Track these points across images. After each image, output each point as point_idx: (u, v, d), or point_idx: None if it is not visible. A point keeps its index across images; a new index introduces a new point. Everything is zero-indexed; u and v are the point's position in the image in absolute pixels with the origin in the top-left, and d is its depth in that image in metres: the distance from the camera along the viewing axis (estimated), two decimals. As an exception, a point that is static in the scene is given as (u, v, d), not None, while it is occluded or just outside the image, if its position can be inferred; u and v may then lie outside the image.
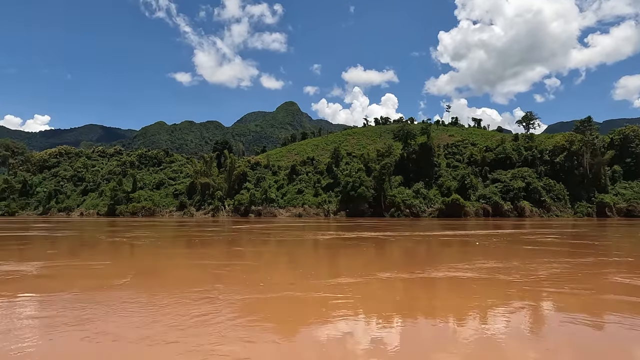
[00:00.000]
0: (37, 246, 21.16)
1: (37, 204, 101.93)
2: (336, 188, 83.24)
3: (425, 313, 7.58)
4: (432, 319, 7.19)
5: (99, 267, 13.15)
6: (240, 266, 13.49)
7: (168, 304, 7.82)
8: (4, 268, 12.41)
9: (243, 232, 31.68)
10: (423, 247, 20.44)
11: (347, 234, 28.79)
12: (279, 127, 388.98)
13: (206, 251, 18.79)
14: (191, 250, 19.80)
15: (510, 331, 6.38)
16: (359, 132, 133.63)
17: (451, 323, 6.87)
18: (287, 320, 6.99)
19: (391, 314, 7.34)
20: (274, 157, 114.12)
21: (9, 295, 8.66)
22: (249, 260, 15.56)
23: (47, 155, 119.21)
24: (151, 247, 20.57)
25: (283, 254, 18.25)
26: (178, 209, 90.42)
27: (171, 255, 17.45)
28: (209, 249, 19.82)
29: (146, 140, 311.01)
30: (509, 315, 7.29)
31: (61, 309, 7.49)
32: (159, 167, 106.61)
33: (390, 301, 8.40)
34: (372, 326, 6.60)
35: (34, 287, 9.59)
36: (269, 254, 18.36)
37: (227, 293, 8.79)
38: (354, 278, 10.57)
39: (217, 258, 16.07)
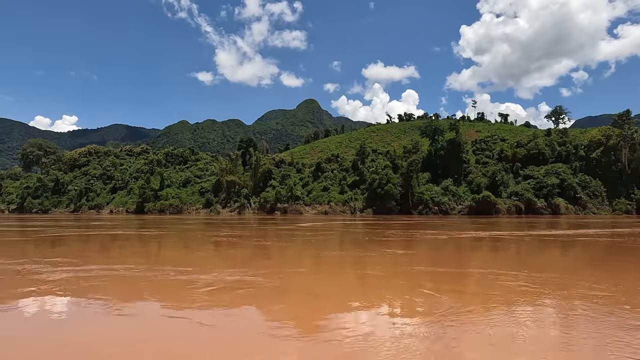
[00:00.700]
0: (192, 247, 18.95)
1: (69, 201, 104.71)
2: (362, 185, 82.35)
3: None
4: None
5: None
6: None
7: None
8: (228, 277, 10.19)
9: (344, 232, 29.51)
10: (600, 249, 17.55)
11: (466, 233, 25.90)
12: (300, 124, 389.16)
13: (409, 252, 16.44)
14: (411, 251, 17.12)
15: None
16: (383, 129, 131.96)
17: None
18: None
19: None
20: (297, 155, 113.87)
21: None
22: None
23: (77, 154, 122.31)
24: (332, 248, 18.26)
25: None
26: (204, 206, 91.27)
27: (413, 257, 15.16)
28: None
29: (170, 139, 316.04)
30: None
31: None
32: (185, 166, 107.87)
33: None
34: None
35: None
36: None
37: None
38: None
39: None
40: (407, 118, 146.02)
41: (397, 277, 10.45)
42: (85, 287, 8.81)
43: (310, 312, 7.08)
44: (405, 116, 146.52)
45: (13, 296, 8.20)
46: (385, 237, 23.20)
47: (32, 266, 11.77)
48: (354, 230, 30.69)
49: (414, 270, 11.33)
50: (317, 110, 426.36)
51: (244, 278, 9.84)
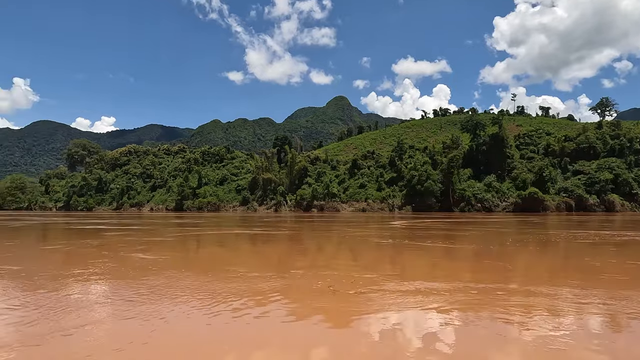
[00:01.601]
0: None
1: (111, 199, 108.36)
2: (400, 182, 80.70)
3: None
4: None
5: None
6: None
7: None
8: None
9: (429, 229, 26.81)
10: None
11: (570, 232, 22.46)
12: (329, 122, 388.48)
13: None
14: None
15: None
16: (418, 125, 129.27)
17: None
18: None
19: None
20: (331, 152, 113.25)
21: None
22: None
23: (118, 154, 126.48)
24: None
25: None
26: (241, 204, 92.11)
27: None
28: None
29: (203, 138, 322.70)
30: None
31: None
32: (221, 164, 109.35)
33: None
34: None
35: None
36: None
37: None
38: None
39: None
40: (442, 113, 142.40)
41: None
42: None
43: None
44: (440, 111, 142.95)
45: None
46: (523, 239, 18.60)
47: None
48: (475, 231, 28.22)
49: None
50: (347, 107, 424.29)
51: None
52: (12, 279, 8.59)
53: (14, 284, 8.15)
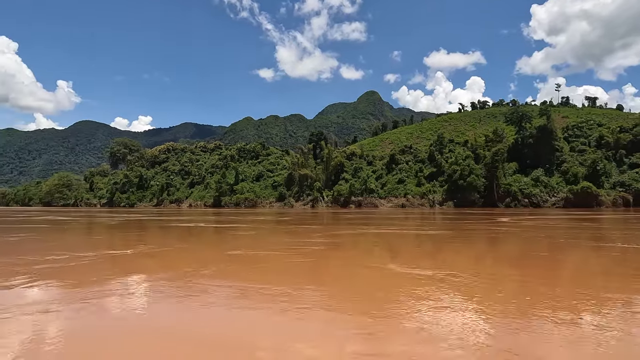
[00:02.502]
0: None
1: (152, 196, 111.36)
2: (440, 177, 78.35)
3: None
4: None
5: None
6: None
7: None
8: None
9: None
10: None
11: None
12: (361, 117, 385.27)
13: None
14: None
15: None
16: (456, 118, 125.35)
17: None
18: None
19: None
20: (366, 147, 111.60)
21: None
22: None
23: (157, 151, 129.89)
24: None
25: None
26: (277, 200, 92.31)
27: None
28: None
29: (235, 135, 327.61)
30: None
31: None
32: (257, 160, 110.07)
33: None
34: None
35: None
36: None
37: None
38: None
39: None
40: (480, 106, 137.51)
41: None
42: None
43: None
44: (478, 104, 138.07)
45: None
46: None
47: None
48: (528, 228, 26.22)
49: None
50: (378, 102, 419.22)
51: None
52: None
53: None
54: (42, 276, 8.62)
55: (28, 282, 8.00)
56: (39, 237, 19.66)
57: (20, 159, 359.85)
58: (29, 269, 9.51)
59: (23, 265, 10.11)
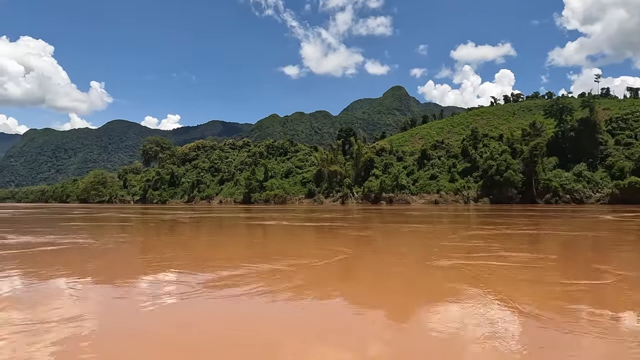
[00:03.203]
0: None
1: (183, 193, 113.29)
2: (475, 173, 76.06)
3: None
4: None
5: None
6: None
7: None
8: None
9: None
10: None
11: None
12: (386, 113, 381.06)
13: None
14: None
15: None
16: (488, 112, 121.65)
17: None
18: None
19: None
20: (396, 143, 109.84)
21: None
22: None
23: (188, 149, 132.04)
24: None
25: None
26: (307, 196, 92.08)
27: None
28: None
29: (262, 132, 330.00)
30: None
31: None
32: (285, 157, 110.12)
33: None
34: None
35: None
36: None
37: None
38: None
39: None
40: (514, 99, 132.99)
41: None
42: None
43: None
44: (512, 97, 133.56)
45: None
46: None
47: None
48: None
49: None
50: (404, 97, 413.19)
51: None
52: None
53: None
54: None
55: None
56: (216, 239, 17.25)
57: (57, 158, 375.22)
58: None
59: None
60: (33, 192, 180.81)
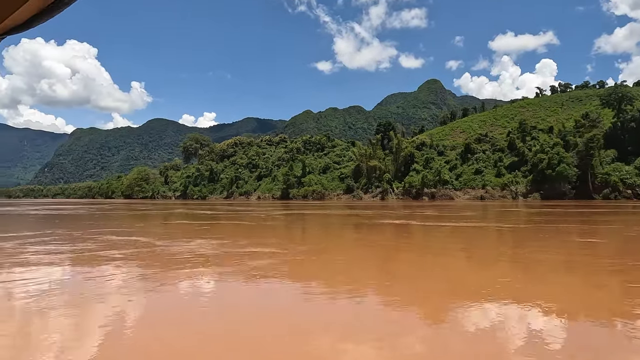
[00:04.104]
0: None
1: (222, 188, 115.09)
2: (523, 167, 72.42)
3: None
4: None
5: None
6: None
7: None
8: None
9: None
10: None
11: None
12: (421, 107, 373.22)
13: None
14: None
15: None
16: (534, 103, 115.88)
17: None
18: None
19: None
20: (436, 137, 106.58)
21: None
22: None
23: (225, 145, 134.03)
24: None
25: None
26: (345, 192, 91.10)
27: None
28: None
29: (295, 128, 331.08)
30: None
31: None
32: (323, 152, 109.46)
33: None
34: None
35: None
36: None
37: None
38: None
39: None
40: (562, 89, 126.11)
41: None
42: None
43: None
44: (559, 87, 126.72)
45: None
46: None
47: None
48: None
49: None
50: (440, 91, 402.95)
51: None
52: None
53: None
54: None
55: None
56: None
57: (101, 155, 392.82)
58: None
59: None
60: (81, 189, 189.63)
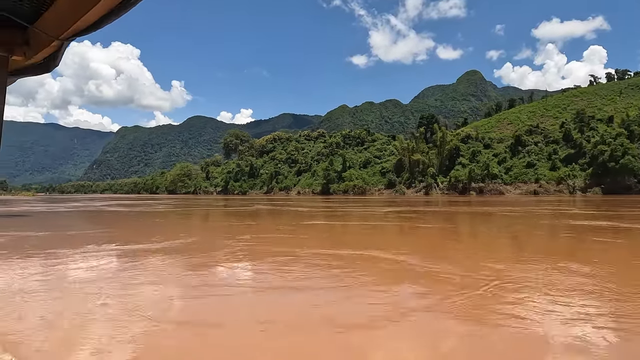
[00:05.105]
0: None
1: (262, 184, 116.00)
2: (581, 159, 67.94)
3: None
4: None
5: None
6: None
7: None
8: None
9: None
10: None
11: None
12: (461, 99, 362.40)
13: None
14: None
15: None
16: (588, 92, 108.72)
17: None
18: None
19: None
20: (481, 129, 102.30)
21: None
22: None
23: (265, 141, 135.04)
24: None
25: None
26: (386, 187, 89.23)
27: None
28: None
29: (331, 123, 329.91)
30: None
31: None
32: (363, 147, 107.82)
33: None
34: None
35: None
36: None
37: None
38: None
39: None
40: (619, 76, 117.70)
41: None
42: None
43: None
44: (616, 73, 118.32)
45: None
46: None
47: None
48: None
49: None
50: (479, 82, 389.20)
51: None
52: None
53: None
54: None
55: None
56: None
57: (145, 152, 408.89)
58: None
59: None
60: (127, 184, 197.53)
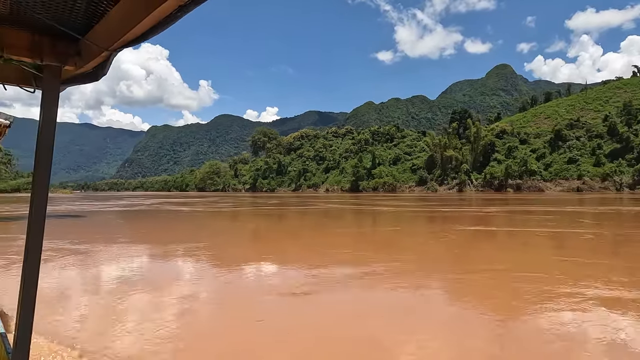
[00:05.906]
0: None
1: (290, 181, 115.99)
2: (628, 154, 64.18)
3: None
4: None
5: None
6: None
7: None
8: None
9: None
10: None
11: None
12: (490, 94, 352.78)
13: None
14: None
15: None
16: (632, 84, 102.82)
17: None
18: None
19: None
20: (516, 124, 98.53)
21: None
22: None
23: (292, 138, 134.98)
24: None
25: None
26: (417, 184, 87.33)
27: None
28: None
29: (357, 120, 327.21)
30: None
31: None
32: (392, 143, 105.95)
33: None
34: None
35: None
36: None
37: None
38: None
39: None
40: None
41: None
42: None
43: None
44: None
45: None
46: None
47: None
48: None
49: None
50: (510, 76, 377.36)
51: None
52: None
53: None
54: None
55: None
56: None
57: (174, 151, 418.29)
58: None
59: None
60: (157, 182, 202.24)
